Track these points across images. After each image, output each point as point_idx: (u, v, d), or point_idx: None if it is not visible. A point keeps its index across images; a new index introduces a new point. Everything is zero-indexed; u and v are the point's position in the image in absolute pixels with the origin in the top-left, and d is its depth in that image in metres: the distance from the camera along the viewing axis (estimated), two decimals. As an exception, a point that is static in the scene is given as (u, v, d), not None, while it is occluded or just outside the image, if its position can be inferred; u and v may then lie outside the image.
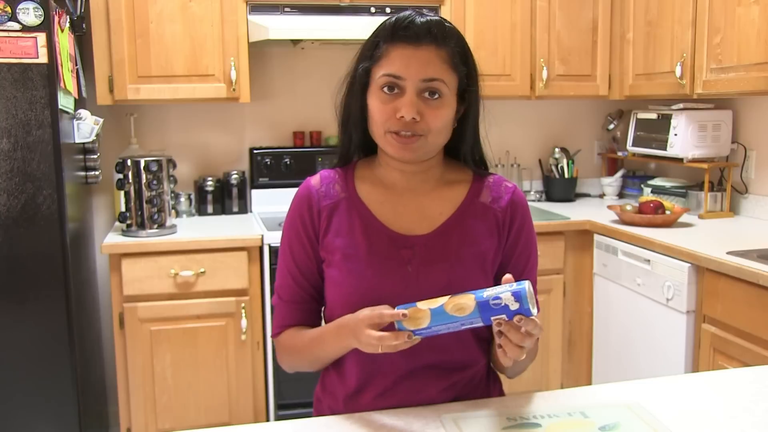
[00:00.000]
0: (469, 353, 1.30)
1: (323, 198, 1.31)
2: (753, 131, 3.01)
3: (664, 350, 2.51)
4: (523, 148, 3.67)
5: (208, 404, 2.79)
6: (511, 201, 1.32)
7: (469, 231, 1.28)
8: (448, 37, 1.23)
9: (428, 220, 1.29)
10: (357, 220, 1.28)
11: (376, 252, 1.26)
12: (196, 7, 2.88)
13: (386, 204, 1.30)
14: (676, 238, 2.55)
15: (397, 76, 1.20)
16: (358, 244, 1.27)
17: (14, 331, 2.36)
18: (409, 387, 1.25)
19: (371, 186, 1.32)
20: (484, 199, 1.31)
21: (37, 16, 2.25)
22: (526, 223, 1.33)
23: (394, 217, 1.29)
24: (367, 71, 1.25)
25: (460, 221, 1.29)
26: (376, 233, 1.27)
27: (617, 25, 3.27)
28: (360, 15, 3.01)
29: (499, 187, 1.33)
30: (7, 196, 2.31)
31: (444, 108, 1.22)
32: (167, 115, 3.28)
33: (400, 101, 1.20)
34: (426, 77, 1.20)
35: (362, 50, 1.27)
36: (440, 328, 1.08)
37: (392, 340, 1.08)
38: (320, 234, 1.30)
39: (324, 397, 1.36)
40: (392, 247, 1.26)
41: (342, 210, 1.30)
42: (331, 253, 1.28)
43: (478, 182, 1.33)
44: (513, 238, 1.31)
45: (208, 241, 2.73)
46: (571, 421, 1.14)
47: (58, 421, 2.43)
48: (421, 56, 1.20)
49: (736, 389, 1.29)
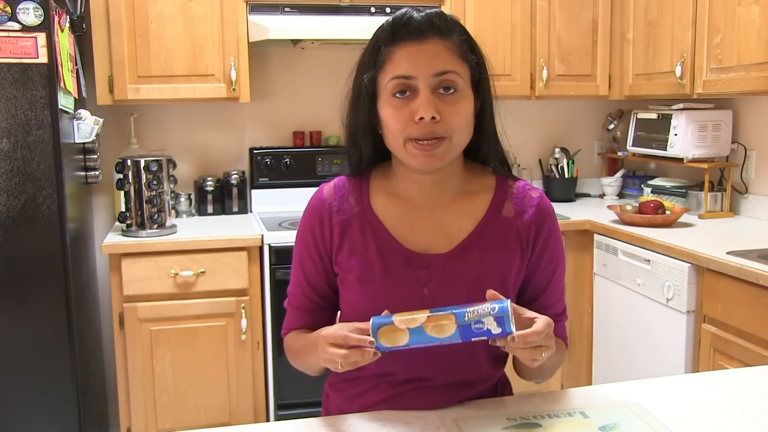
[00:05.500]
0: (481, 371, 1.26)
1: (335, 213, 1.24)
2: (753, 131, 3.00)
3: (664, 350, 2.51)
4: (523, 148, 3.67)
5: (208, 404, 2.79)
6: (536, 215, 1.24)
7: (490, 250, 1.21)
8: (451, 27, 1.16)
9: (447, 237, 1.21)
10: (371, 238, 1.22)
11: (391, 272, 1.20)
12: (196, 7, 2.88)
13: (402, 219, 1.23)
14: (676, 238, 2.55)
15: (407, 77, 1.13)
16: (373, 265, 1.20)
17: (14, 331, 2.36)
18: (415, 399, 1.22)
19: (386, 199, 1.25)
20: (507, 213, 1.23)
21: (37, 16, 2.25)
22: (552, 235, 1.25)
23: (410, 234, 1.22)
24: (372, 80, 1.17)
25: (480, 239, 1.21)
26: (391, 252, 1.21)
27: (617, 25, 3.27)
28: (360, 15, 3.01)
29: (523, 198, 1.24)
30: (7, 196, 2.31)
31: (462, 102, 1.15)
32: (167, 115, 3.28)
33: (416, 102, 1.12)
34: (437, 71, 1.12)
35: (363, 59, 1.20)
36: (418, 346, 1.05)
37: (357, 356, 1.04)
38: (333, 250, 1.25)
39: (332, 394, 1.35)
40: (408, 268, 1.20)
41: (355, 227, 1.23)
42: (345, 272, 1.24)
43: (500, 191, 1.25)
44: (538, 252, 1.25)
45: (208, 241, 2.73)
46: (571, 421, 1.14)
47: (58, 421, 2.43)
48: (428, 50, 1.13)
49: (736, 389, 1.29)
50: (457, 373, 1.23)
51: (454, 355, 1.19)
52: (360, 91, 1.19)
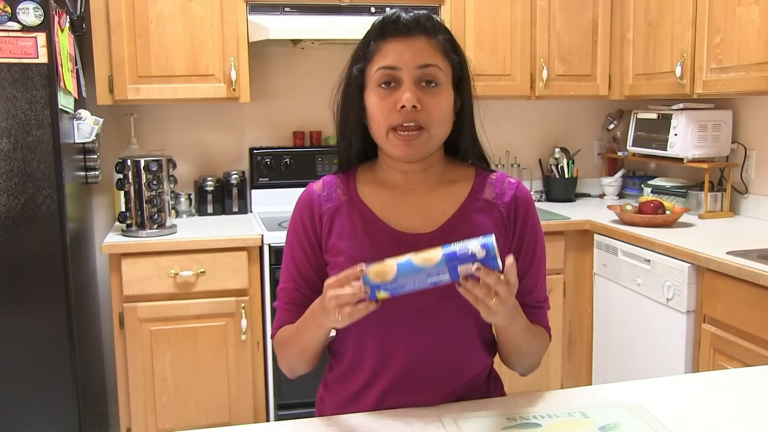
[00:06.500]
0: (475, 358, 1.29)
1: (324, 202, 1.31)
2: (753, 131, 3.00)
3: (664, 350, 2.51)
4: (523, 148, 3.67)
5: (208, 404, 2.79)
6: (515, 196, 1.30)
7: (474, 228, 1.26)
8: (437, 27, 1.25)
9: (432, 218, 1.28)
10: (359, 222, 1.28)
11: (380, 252, 1.23)
12: (196, 7, 2.88)
13: (388, 204, 1.29)
14: (676, 238, 2.55)
15: (392, 67, 1.21)
16: (362, 245, 1.26)
17: (14, 331, 2.36)
18: (412, 389, 1.25)
19: (373, 187, 1.32)
20: (488, 196, 1.30)
21: (37, 16, 2.25)
22: (530, 217, 1.31)
23: (397, 216, 1.28)
24: (361, 71, 1.26)
25: (464, 218, 1.28)
26: (380, 233, 1.26)
27: (617, 25, 3.27)
28: (360, 15, 3.01)
29: (503, 183, 1.32)
30: (7, 196, 2.31)
31: (442, 95, 1.23)
32: (167, 115, 3.28)
33: (399, 92, 1.20)
34: (421, 63, 1.21)
35: (354, 53, 1.28)
36: (407, 281, 1.05)
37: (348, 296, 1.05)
38: (323, 238, 1.30)
39: (327, 397, 1.36)
40: (396, 247, 1.23)
41: (344, 213, 1.29)
42: (335, 256, 1.28)
43: (480, 179, 1.32)
44: (519, 233, 1.30)
45: (208, 241, 2.73)
46: (571, 421, 1.14)
47: (58, 421, 2.43)
48: (414, 45, 1.22)
49: (736, 389, 1.29)
50: (449, 359, 1.26)
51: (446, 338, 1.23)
52: (350, 81, 1.28)
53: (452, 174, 1.33)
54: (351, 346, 1.29)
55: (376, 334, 1.24)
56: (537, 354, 1.32)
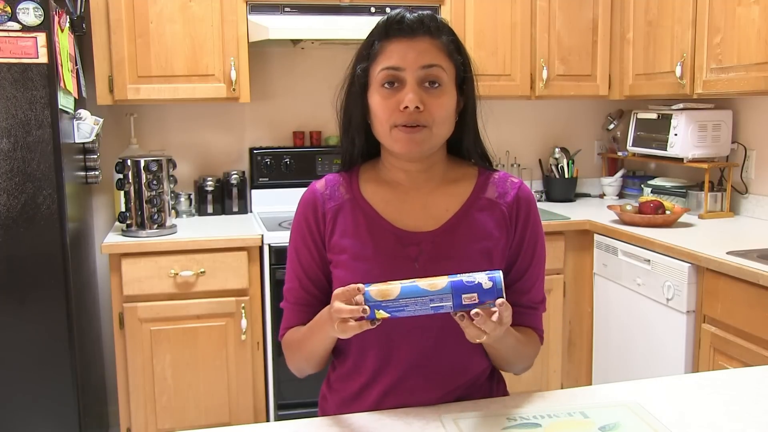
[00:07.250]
0: (476, 358, 1.29)
1: (328, 200, 1.31)
2: (753, 131, 3.00)
3: (664, 350, 2.51)
4: (523, 148, 3.67)
5: (208, 404, 2.79)
6: (518, 196, 1.31)
7: (476, 226, 1.27)
8: (441, 28, 1.25)
9: (434, 217, 1.28)
10: (362, 220, 1.28)
11: (383, 250, 1.26)
12: (196, 7, 2.88)
13: (391, 203, 1.30)
14: (676, 238, 2.55)
15: (396, 68, 1.21)
16: (365, 243, 1.26)
17: (14, 331, 2.36)
18: (414, 388, 1.25)
19: (376, 186, 1.32)
20: (490, 195, 1.30)
21: (37, 16, 2.25)
22: (531, 217, 1.32)
23: (399, 215, 1.29)
24: (365, 71, 1.26)
25: (467, 217, 1.28)
26: (382, 232, 1.27)
27: (617, 25, 3.27)
28: (360, 15, 3.01)
29: (505, 182, 1.32)
30: (7, 196, 2.31)
31: (445, 96, 1.23)
32: (167, 115, 3.28)
33: (402, 92, 1.21)
34: (425, 64, 1.21)
35: (358, 52, 1.28)
36: (408, 303, 1.06)
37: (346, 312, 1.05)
38: (326, 236, 1.30)
39: (330, 395, 1.36)
40: (399, 245, 1.26)
41: (347, 211, 1.30)
42: (338, 254, 1.28)
43: (483, 178, 1.33)
44: (519, 233, 1.30)
45: (208, 241, 2.73)
46: (571, 421, 1.14)
47: (58, 421, 2.43)
48: (418, 46, 1.22)
49: (736, 389, 1.29)
50: (451, 358, 1.26)
51: (447, 337, 1.23)
52: (353, 80, 1.28)
53: (455, 173, 1.33)
54: (354, 346, 1.29)
55: (379, 334, 1.24)
56: (528, 360, 1.32)
